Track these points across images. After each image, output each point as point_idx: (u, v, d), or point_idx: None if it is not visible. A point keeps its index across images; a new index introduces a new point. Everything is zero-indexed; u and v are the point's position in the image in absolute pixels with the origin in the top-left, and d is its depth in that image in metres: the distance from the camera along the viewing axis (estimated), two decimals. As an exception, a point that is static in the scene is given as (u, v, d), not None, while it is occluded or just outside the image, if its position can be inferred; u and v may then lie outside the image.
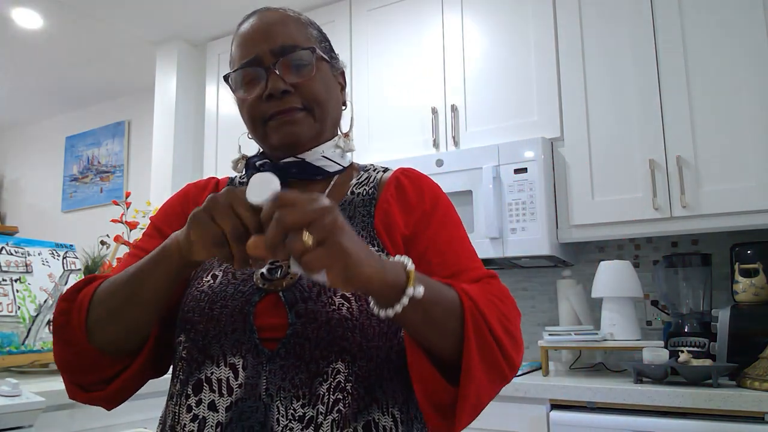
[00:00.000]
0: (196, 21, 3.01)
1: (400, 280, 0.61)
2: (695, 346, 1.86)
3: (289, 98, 0.82)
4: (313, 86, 0.83)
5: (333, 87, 0.89)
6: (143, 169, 3.73)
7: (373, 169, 0.93)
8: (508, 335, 0.70)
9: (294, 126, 0.82)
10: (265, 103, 0.82)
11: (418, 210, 0.84)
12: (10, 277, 1.72)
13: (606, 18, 2.11)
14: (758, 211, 1.80)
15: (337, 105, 0.91)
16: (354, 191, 0.87)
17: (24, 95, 4.08)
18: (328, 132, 0.88)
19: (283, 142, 0.83)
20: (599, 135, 2.06)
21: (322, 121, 0.85)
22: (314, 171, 0.86)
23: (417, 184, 0.87)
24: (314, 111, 0.84)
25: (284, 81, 0.81)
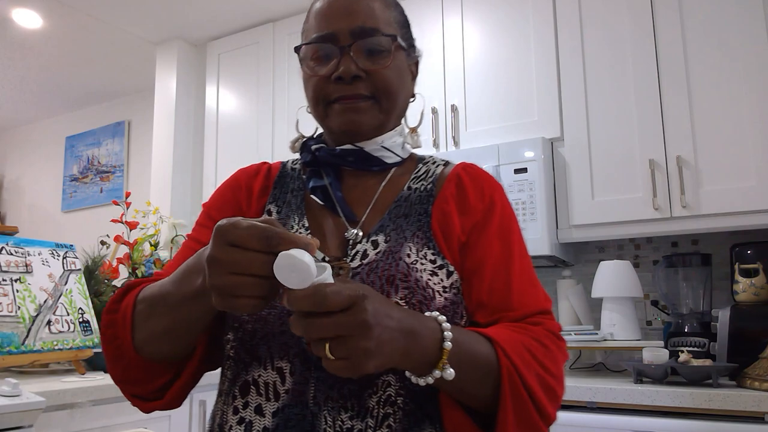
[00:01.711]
0: (196, 21, 3.01)
1: (429, 359, 0.60)
2: (695, 346, 1.86)
3: (358, 84, 0.77)
4: (387, 75, 0.78)
5: (405, 77, 0.84)
6: (143, 169, 3.73)
7: (432, 162, 0.87)
8: (545, 390, 0.68)
9: (358, 114, 0.78)
10: (333, 84, 0.77)
11: (475, 213, 0.78)
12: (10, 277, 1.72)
13: (606, 18, 2.11)
14: (758, 211, 1.79)
15: (407, 96, 0.86)
16: (411, 186, 0.82)
17: (24, 95, 4.08)
18: (392, 123, 0.84)
19: (343, 129, 0.79)
20: (599, 135, 2.06)
21: (388, 112, 0.81)
22: (371, 162, 0.82)
23: (478, 183, 0.81)
24: (382, 101, 0.79)
25: (357, 65, 0.76)
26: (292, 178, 0.88)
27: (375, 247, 0.75)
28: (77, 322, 1.84)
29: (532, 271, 0.80)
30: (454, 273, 0.74)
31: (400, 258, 0.72)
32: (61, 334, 1.77)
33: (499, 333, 0.68)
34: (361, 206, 0.80)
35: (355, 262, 0.73)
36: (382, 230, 0.76)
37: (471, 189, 0.80)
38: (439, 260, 0.74)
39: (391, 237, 0.75)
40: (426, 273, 0.72)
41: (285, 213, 0.82)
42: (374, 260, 0.73)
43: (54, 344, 1.73)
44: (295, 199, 0.84)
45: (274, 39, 2.91)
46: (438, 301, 0.71)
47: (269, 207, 0.84)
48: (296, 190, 0.85)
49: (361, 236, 0.76)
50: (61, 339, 1.76)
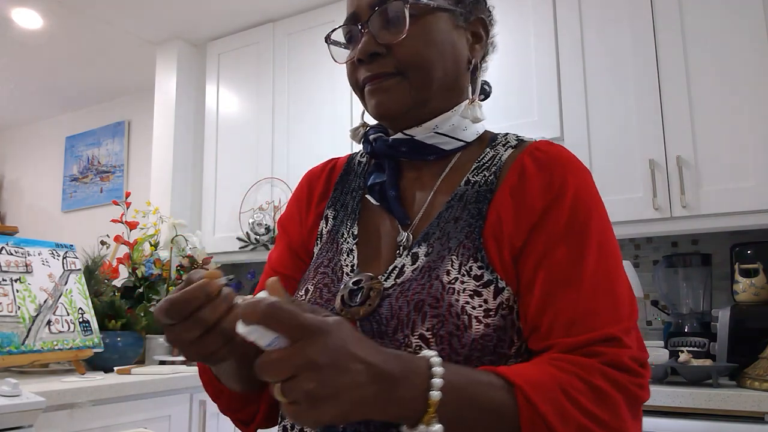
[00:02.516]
0: (196, 21, 3.01)
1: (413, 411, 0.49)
2: (695, 346, 1.86)
3: (380, 61, 0.68)
4: (409, 46, 0.67)
5: (450, 43, 0.70)
6: (143, 169, 3.73)
7: (503, 144, 0.73)
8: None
9: (385, 94, 0.69)
10: (359, 67, 0.70)
11: (535, 210, 0.64)
12: (10, 277, 1.72)
13: (606, 18, 2.11)
14: (758, 211, 1.79)
15: (457, 65, 0.72)
16: (470, 179, 0.69)
17: (24, 95, 4.07)
18: (441, 99, 0.71)
19: (376, 113, 0.71)
20: (599, 135, 2.06)
21: (424, 88, 0.69)
22: (425, 150, 0.72)
23: (546, 170, 0.66)
24: (411, 76, 0.68)
25: (375, 41, 0.68)
26: (356, 175, 0.80)
27: (414, 261, 0.66)
28: (77, 322, 1.84)
29: (611, 280, 0.62)
30: (505, 290, 0.62)
31: (437, 277, 0.62)
32: (61, 334, 1.77)
33: (525, 372, 0.55)
34: (418, 205, 0.72)
35: (390, 281, 0.65)
36: (426, 239, 0.67)
37: (535, 178, 0.65)
38: (487, 275, 0.62)
39: (434, 248, 0.65)
40: (465, 294, 0.61)
41: (341, 218, 0.76)
42: (409, 279, 0.64)
43: (54, 344, 1.73)
44: (353, 200, 0.77)
45: (274, 39, 2.90)
46: (475, 329, 0.59)
47: (327, 212, 0.78)
48: (356, 190, 0.78)
49: (409, 243, 0.68)
50: (61, 339, 1.76)
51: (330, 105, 2.66)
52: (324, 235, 0.77)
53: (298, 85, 2.79)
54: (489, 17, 0.78)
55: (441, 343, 0.59)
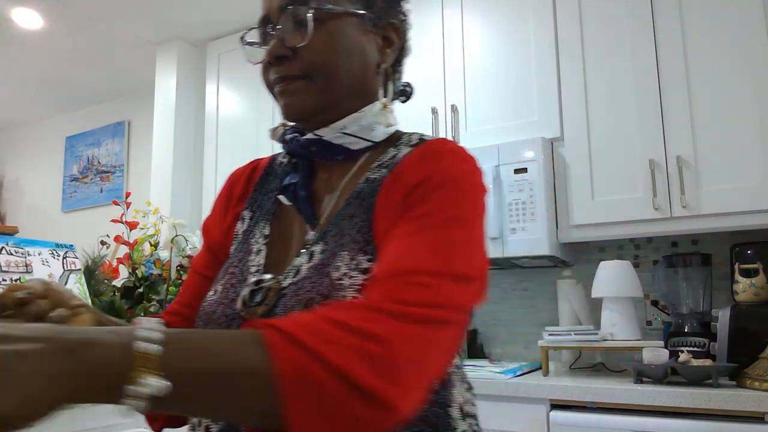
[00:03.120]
0: (196, 21, 3.01)
1: (121, 378, 0.42)
2: (695, 346, 1.86)
3: (287, 64, 0.69)
4: (312, 50, 0.68)
5: (354, 47, 0.71)
6: (143, 169, 3.73)
7: (406, 143, 0.74)
8: (359, 359, 0.47)
9: (291, 96, 0.70)
10: (269, 68, 0.71)
11: (403, 199, 0.64)
12: (10, 277, 1.72)
13: (606, 18, 2.11)
14: (758, 211, 1.79)
15: (366, 68, 0.73)
16: (369, 177, 0.71)
17: (24, 95, 4.07)
18: (350, 102, 0.72)
19: (283, 114, 0.72)
20: (599, 135, 2.06)
21: (329, 91, 0.70)
22: (333, 150, 0.73)
23: (423, 159, 0.67)
24: (317, 79, 0.69)
25: (283, 44, 0.69)
26: (275, 176, 0.82)
27: (310, 259, 0.66)
28: (77, 322, 1.84)
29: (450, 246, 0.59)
30: None
31: (327, 274, 0.62)
32: (61, 334, 1.77)
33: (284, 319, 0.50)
34: (326, 205, 0.73)
35: (288, 281, 0.66)
36: (323, 237, 0.68)
37: (412, 167, 0.66)
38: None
39: (329, 246, 0.66)
40: (352, 290, 0.60)
41: (256, 218, 0.77)
42: (303, 278, 0.64)
43: (54, 344, 1.73)
44: (269, 200, 0.79)
45: (274, 39, 2.90)
46: None
47: (244, 213, 0.80)
48: (273, 190, 0.79)
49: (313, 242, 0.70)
50: (61, 339, 1.76)
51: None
52: (240, 235, 0.78)
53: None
54: (403, 21, 0.78)
55: None
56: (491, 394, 1.79)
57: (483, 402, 1.87)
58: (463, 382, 0.71)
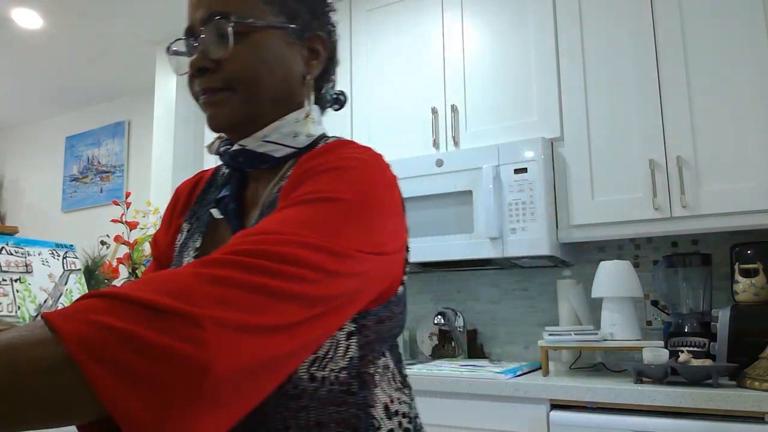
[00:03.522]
0: (196, 21, 3.01)
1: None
2: (695, 346, 1.86)
3: (210, 76, 0.70)
4: (234, 62, 0.69)
5: (276, 59, 0.72)
6: (143, 169, 3.73)
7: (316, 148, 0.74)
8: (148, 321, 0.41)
9: (215, 108, 0.71)
10: (194, 80, 0.72)
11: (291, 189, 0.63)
12: (10, 277, 1.73)
13: (606, 18, 2.11)
14: (758, 211, 1.79)
15: (289, 79, 0.74)
16: (282, 186, 0.69)
17: (24, 95, 4.07)
18: (274, 112, 0.73)
19: (209, 125, 0.73)
20: (599, 135, 2.06)
21: (253, 102, 0.71)
22: (258, 159, 0.73)
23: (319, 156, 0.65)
24: (239, 90, 0.70)
25: (204, 56, 0.70)
26: (216, 187, 0.82)
27: None
28: (77, 322, 1.84)
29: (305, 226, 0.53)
30: None
31: None
32: (61, 334, 1.77)
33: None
34: (253, 215, 0.73)
35: None
36: None
37: (303, 166, 0.65)
38: None
39: None
40: None
41: (192, 231, 0.78)
42: None
43: (54, 344, 1.73)
44: (205, 213, 0.79)
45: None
46: None
47: (183, 225, 0.81)
48: (211, 202, 0.79)
49: None
50: (61, 339, 1.76)
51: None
52: (177, 248, 0.79)
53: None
54: (331, 33, 0.80)
55: None
56: (491, 394, 1.79)
57: (483, 402, 1.87)
58: (393, 381, 0.70)
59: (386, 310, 0.68)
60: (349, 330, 0.64)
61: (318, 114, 0.78)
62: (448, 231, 2.16)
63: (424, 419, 0.77)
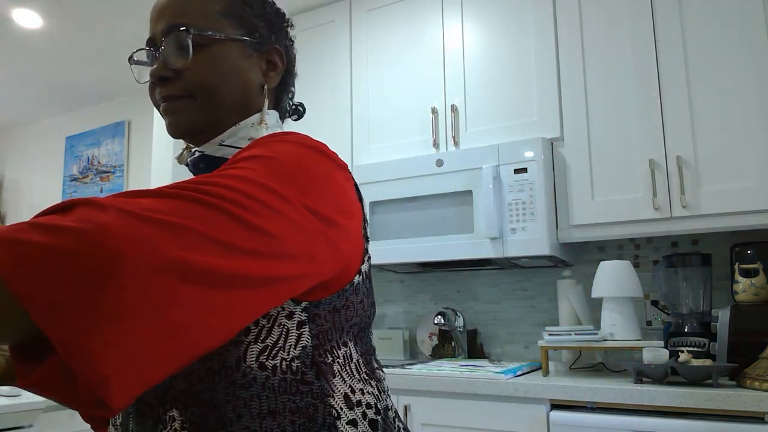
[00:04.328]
0: (196, 21, 3.01)
1: None
2: (695, 346, 1.86)
3: (170, 85, 0.74)
4: (195, 71, 0.73)
5: (234, 71, 0.76)
6: (143, 169, 3.73)
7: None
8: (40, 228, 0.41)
9: (175, 115, 0.75)
10: (155, 88, 0.76)
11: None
12: (10, 277, 1.72)
13: (606, 18, 2.11)
14: (758, 211, 1.80)
15: (247, 89, 0.78)
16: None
17: (24, 95, 4.07)
18: (233, 120, 0.77)
19: (168, 132, 0.77)
20: (599, 135, 2.06)
21: (212, 110, 0.75)
22: (217, 163, 0.77)
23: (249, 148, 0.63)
24: (199, 99, 0.74)
25: (164, 66, 0.73)
26: None
27: None
28: (77, 322, 1.84)
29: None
30: None
31: None
32: (61, 334, 1.77)
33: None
34: None
35: None
36: None
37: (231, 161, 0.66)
38: None
39: None
40: None
41: None
42: None
43: (54, 344, 1.73)
44: None
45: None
46: None
47: None
48: None
49: None
50: (61, 339, 1.75)
51: (330, 103, 2.66)
52: None
53: (298, 83, 2.79)
54: (289, 47, 0.85)
55: None
56: (491, 394, 1.79)
57: (483, 402, 1.87)
58: (356, 372, 0.70)
59: (341, 299, 0.67)
60: (299, 319, 0.64)
61: (274, 120, 0.81)
62: (448, 231, 2.16)
63: (424, 419, 0.76)
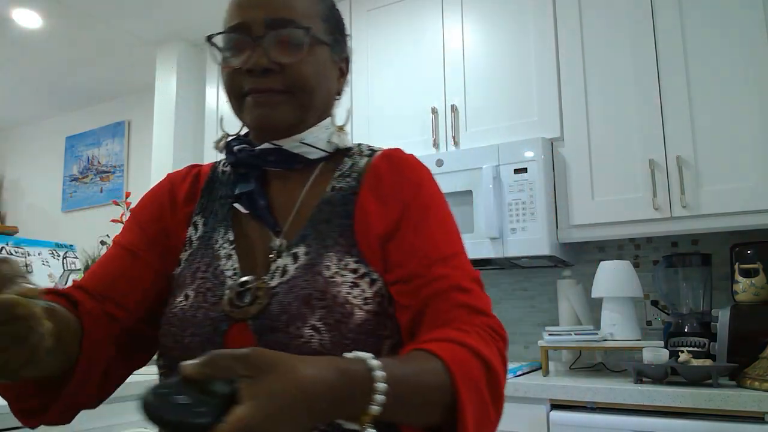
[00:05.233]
0: (196, 21, 3.01)
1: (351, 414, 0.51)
2: (695, 346, 1.86)
3: (271, 77, 0.73)
4: (302, 69, 0.74)
5: (328, 73, 0.79)
6: (143, 169, 3.73)
7: (358, 153, 0.81)
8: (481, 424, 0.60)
9: (270, 109, 0.74)
10: (245, 76, 0.74)
11: (395, 202, 0.73)
12: (10, 277, 1.72)
13: (606, 18, 2.11)
14: (758, 211, 1.79)
15: (330, 94, 0.81)
16: (335, 186, 0.76)
17: (24, 95, 4.07)
18: (313, 120, 0.79)
19: (256, 124, 0.76)
20: (599, 135, 2.06)
21: (306, 109, 0.76)
22: (293, 159, 0.77)
23: (397, 171, 0.76)
24: (297, 96, 0.74)
25: (269, 58, 0.72)
26: (221, 183, 0.84)
27: (295, 260, 0.71)
28: (77, 322, 1.84)
29: (448, 234, 0.74)
30: (377, 281, 0.70)
31: (319, 272, 0.69)
32: (61, 334, 1.77)
33: (445, 350, 0.60)
34: (286, 212, 0.76)
35: (275, 280, 0.70)
36: (303, 240, 0.72)
37: (390, 179, 0.75)
38: (362, 268, 0.70)
39: (312, 248, 0.71)
40: (346, 286, 0.68)
41: (211, 225, 0.79)
42: (293, 277, 0.69)
43: (54, 344, 1.73)
44: (222, 208, 0.80)
45: (274, 39, 2.91)
46: (357, 316, 0.67)
47: (195, 219, 0.81)
48: (224, 198, 0.81)
49: (285, 247, 0.72)
50: (61, 339, 1.76)
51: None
52: (194, 241, 0.79)
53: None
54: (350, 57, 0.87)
55: (331, 331, 0.65)
56: (491, 394, 1.78)
57: (483, 402, 1.86)
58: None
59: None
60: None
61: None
62: (448, 231, 2.16)
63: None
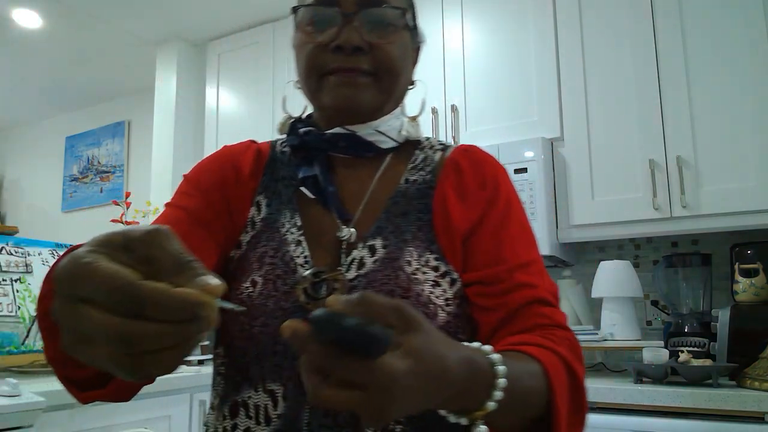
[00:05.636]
0: (196, 21, 3.01)
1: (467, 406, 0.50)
2: (695, 346, 1.86)
3: (359, 57, 0.69)
4: (392, 52, 0.71)
5: (408, 59, 0.77)
6: (143, 169, 3.73)
7: (429, 147, 0.78)
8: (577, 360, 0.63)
9: (356, 90, 0.69)
10: (330, 53, 0.69)
11: (477, 200, 0.71)
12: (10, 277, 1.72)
13: (606, 18, 2.11)
14: (758, 211, 1.79)
15: (407, 80, 0.78)
16: (408, 179, 0.74)
17: (24, 95, 4.07)
18: (390, 107, 0.76)
19: (336, 105, 0.71)
20: (599, 135, 2.06)
21: (388, 93, 0.73)
22: (365, 147, 0.74)
23: (478, 167, 0.74)
24: (383, 79, 0.71)
25: (361, 36, 0.69)
26: (282, 164, 0.78)
27: (372, 253, 0.68)
28: (77, 322, 1.84)
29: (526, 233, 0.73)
30: (457, 281, 0.68)
31: (400, 267, 0.66)
32: (61, 334, 1.77)
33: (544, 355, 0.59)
34: (355, 201, 0.73)
35: (351, 273, 0.67)
36: (380, 233, 0.69)
37: (470, 174, 0.73)
38: (443, 266, 0.68)
39: (390, 241, 0.68)
40: (428, 285, 0.66)
41: (275, 206, 0.74)
42: (372, 270, 0.66)
43: (54, 344, 1.73)
44: (287, 189, 0.75)
45: (274, 39, 2.91)
46: (440, 318, 0.65)
47: (258, 199, 0.75)
48: (287, 179, 0.76)
49: (355, 238, 0.69)
50: (61, 339, 1.76)
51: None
52: (257, 223, 0.73)
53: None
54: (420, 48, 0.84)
55: None
56: (491, 394, 1.78)
57: (483, 402, 1.87)
58: None
59: None
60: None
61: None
62: (448, 231, 2.16)
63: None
